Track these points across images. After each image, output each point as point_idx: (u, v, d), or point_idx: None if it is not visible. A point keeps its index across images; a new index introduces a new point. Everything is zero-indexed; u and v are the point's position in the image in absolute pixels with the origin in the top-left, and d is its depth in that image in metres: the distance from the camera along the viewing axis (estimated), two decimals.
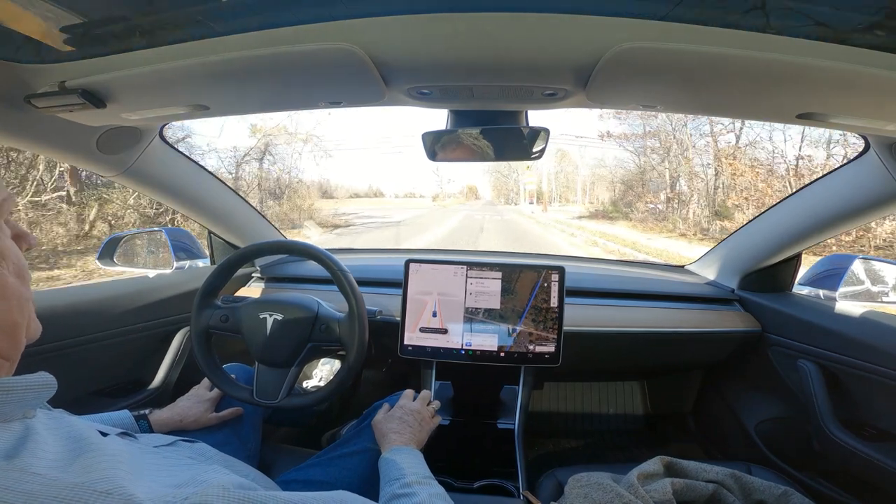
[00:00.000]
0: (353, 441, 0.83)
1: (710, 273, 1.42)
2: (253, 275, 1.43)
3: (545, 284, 1.09)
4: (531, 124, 0.85)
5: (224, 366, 0.99)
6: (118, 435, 0.43)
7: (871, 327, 0.96)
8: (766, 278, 1.24)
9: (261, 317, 0.95)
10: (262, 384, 0.95)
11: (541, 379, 1.65)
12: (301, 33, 0.56)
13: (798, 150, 9.76)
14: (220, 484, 0.34)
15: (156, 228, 1.35)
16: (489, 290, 1.10)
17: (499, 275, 1.10)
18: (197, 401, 0.86)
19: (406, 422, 0.80)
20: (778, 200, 1.16)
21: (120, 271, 1.28)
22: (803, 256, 1.22)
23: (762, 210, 1.22)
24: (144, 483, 0.32)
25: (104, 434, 0.40)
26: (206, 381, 0.92)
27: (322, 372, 1.59)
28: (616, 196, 17.99)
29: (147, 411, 0.68)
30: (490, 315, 1.10)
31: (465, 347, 1.09)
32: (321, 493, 0.40)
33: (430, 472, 0.65)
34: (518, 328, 1.09)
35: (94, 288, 1.08)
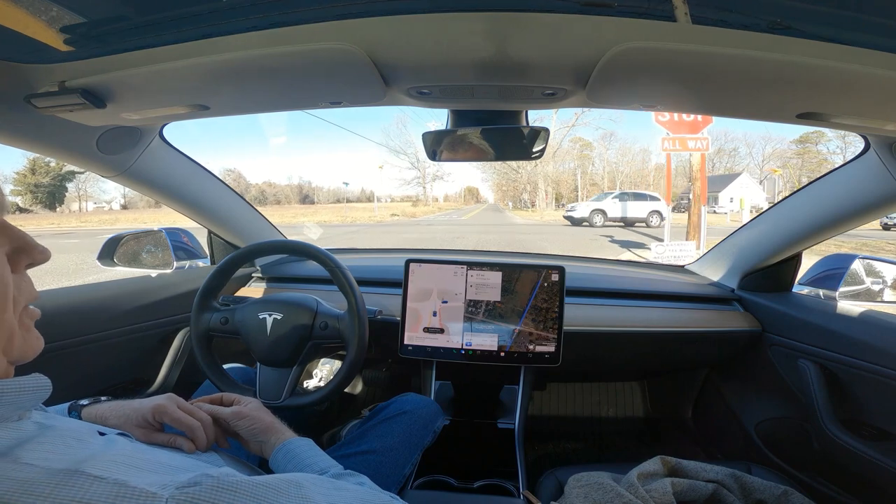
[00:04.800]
0: (355, 442, 0.83)
1: (710, 273, 1.42)
2: (253, 275, 1.43)
3: (545, 284, 1.09)
4: (531, 124, 0.85)
5: (224, 366, 0.99)
6: (117, 435, 0.43)
7: (872, 327, 0.96)
8: (767, 278, 1.24)
9: (260, 317, 0.95)
10: (264, 384, 0.95)
11: (541, 379, 1.65)
12: (301, 33, 0.56)
13: None
14: (209, 474, 0.34)
15: (155, 228, 1.35)
16: (489, 290, 1.10)
17: (499, 274, 1.10)
18: (136, 415, 0.57)
19: (271, 417, 0.66)
20: (778, 201, 1.16)
21: (120, 272, 1.28)
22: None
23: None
24: (141, 473, 0.32)
25: (102, 434, 0.40)
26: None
27: (322, 372, 1.59)
28: None
29: (87, 401, 0.56)
30: (490, 315, 1.10)
31: (465, 347, 1.10)
32: (282, 476, 0.40)
33: None
34: (518, 328, 1.09)
35: (94, 288, 1.08)
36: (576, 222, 15.33)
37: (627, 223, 15.28)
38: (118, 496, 0.28)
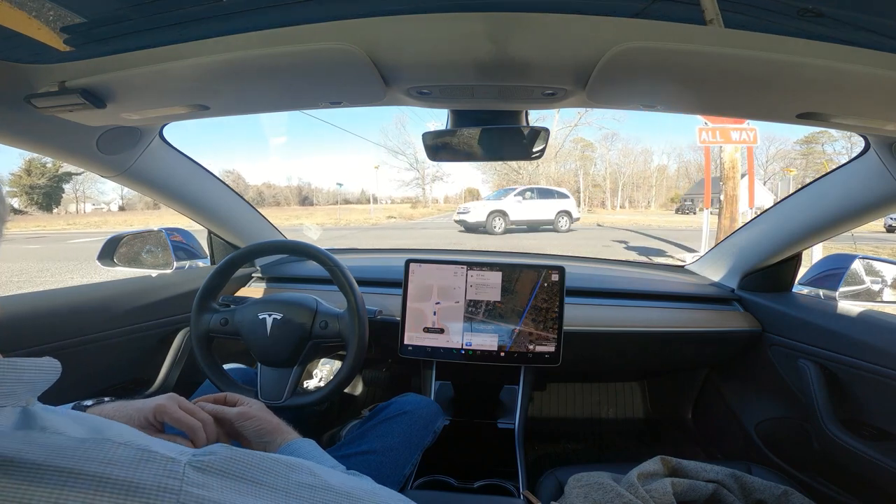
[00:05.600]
0: (355, 442, 0.83)
1: (710, 273, 1.42)
2: (253, 275, 1.43)
3: (545, 284, 1.09)
4: (532, 124, 0.85)
5: (224, 367, 0.99)
6: None
7: (871, 327, 0.96)
8: (766, 278, 1.24)
9: (260, 317, 0.95)
10: (265, 385, 0.95)
11: (541, 379, 1.65)
12: (301, 33, 0.56)
13: None
14: (225, 446, 0.35)
15: (155, 228, 1.35)
16: (489, 290, 1.10)
17: (499, 274, 1.10)
18: (139, 415, 0.57)
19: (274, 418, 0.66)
20: (778, 201, 1.16)
21: (120, 272, 1.28)
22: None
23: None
24: (155, 445, 0.33)
25: None
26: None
27: (322, 372, 1.59)
28: None
29: (90, 402, 0.56)
30: (490, 315, 1.10)
31: (465, 347, 1.10)
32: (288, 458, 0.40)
33: None
34: (518, 328, 1.09)
35: (94, 288, 1.08)
36: (470, 228, 12.09)
37: (532, 226, 12.71)
38: (141, 459, 0.30)
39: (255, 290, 1.38)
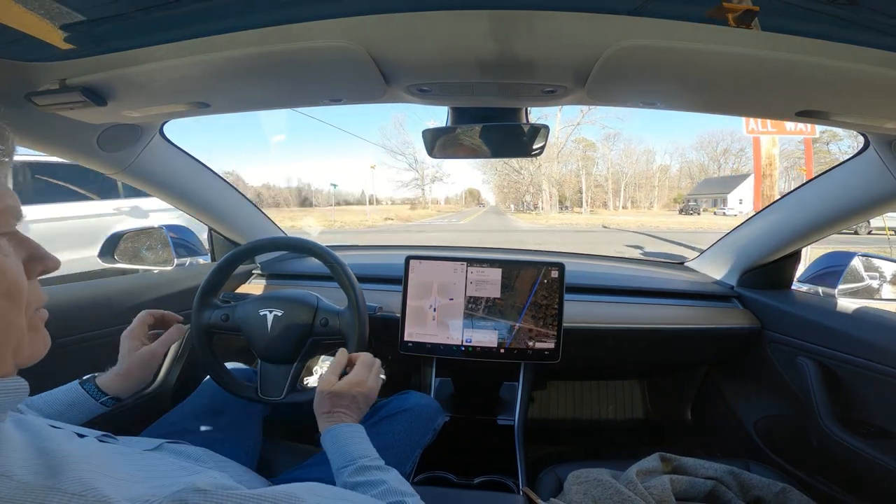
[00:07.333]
0: None
1: (709, 270, 1.42)
2: (253, 271, 1.43)
3: (545, 281, 1.09)
4: (531, 121, 0.85)
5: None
6: (97, 438, 0.42)
7: (870, 324, 0.96)
8: (766, 275, 1.24)
9: (261, 314, 0.95)
10: (265, 381, 0.95)
11: (541, 377, 1.65)
12: (302, 31, 0.56)
13: None
14: (198, 488, 0.33)
15: (156, 226, 1.36)
16: (489, 287, 1.11)
17: (499, 271, 1.10)
18: (130, 355, 0.77)
19: (358, 404, 0.71)
20: (778, 198, 1.16)
21: (121, 269, 1.28)
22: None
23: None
24: (122, 485, 0.31)
25: (81, 436, 0.39)
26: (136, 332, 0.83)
27: (322, 369, 1.60)
28: None
29: (94, 375, 0.63)
30: (490, 311, 1.10)
31: (465, 344, 1.10)
32: (291, 486, 0.40)
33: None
34: (518, 324, 1.09)
35: (94, 284, 1.09)
36: None
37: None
38: None
39: (255, 286, 1.38)
